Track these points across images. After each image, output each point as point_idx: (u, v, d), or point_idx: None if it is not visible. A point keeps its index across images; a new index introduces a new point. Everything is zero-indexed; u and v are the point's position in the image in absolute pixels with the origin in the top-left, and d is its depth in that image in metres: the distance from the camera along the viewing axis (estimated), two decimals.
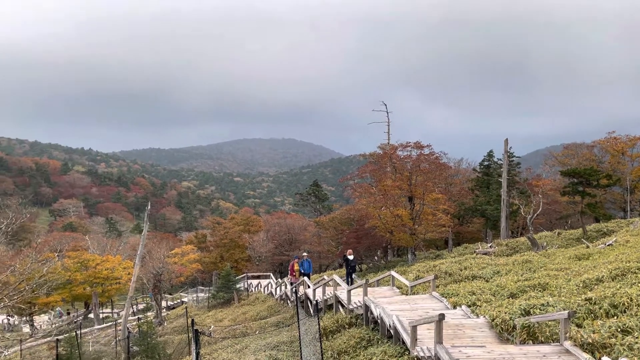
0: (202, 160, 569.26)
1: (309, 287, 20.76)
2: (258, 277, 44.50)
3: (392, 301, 15.23)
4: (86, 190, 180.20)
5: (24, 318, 46.53)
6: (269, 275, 40.77)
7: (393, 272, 18.80)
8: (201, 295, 41.87)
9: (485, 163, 50.49)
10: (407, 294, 16.74)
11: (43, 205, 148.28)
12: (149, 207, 24.75)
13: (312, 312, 19.23)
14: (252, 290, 36.45)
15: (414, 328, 10.31)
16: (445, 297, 14.78)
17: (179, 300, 47.41)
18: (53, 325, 41.62)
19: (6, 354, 30.76)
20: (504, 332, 10.49)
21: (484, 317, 11.79)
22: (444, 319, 9.38)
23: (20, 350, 26.40)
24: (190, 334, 18.51)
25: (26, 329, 44.73)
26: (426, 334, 10.74)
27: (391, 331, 12.16)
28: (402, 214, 28.42)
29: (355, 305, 15.72)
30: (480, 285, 15.70)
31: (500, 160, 44.22)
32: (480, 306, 13.07)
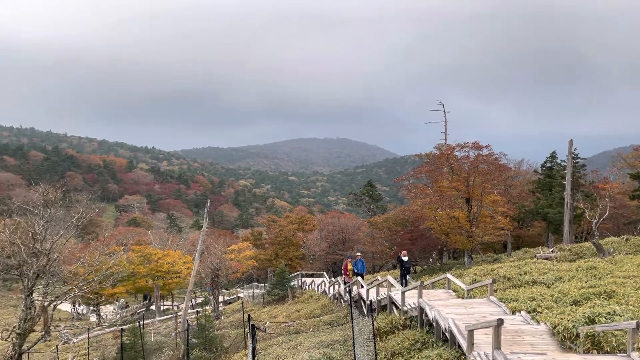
0: (258, 159, 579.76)
1: (362, 287, 20.77)
2: (312, 276, 44.88)
3: (447, 304, 15.01)
4: (149, 187, 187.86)
5: (91, 308, 49.15)
6: (323, 274, 41.01)
7: (449, 275, 18.49)
8: (256, 291, 42.70)
9: (548, 164, 48.47)
10: (463, 298, 16.43)
11: (109, 200, 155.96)
12: (208, 205, 25.55)
13: (365, 312, 19.24)
14: (305, 288, 36.81)
15: (471, 332, 10.13)
16: (504, 302, 14.40)
17: (235, 296, 48.59)
18: (117, 316, 43.72)
19: (75, 341, 32.67)
20: (566, 341, 10.11)
21: (545, 324, 11.41)
22: (503, 324, 9.16)
23: (88, 338, 27.93)
24: (247, 329, 18.99)
25: (93, 318, 47.22)
26: (483, 339, 10.52)
27: (446, 334, 11.99)
28: (458, 216, 27.85)
29: (409, 307, 15.59)
30: (541, 291, 15.18)
31: (564, 161, 42.34)
32: (540, 312, 12.65)
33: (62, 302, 22.42)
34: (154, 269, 43.47)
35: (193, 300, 46.92)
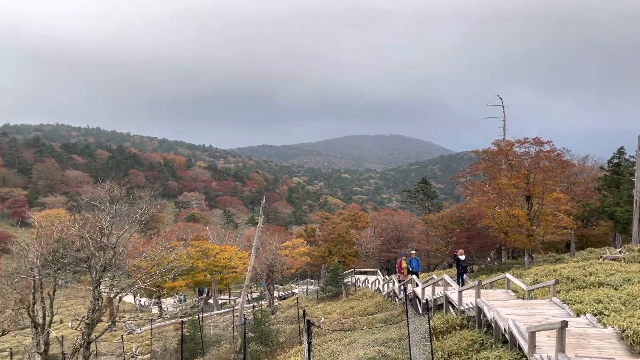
0: (311, 156, 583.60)
1: (417, 285, 20.52)
2: (365, 273, 44.77)
3: (506, 305, 14.57)
4: (207, 184, 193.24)
5: (153, 300, 51.21)
6: (376, 271, 40.81)
7: (508, 275, 17.94)
8: (310, 287, 43.08)
9: (615, 161, 45.86)
10: (523, 299, 15.91)
11: (169, 197, 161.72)
12: (263, 202, 26.00)
13: (420, 310, 19.01)
14: (359, 286, 36.78)
15: (533, 334, 9.79)
16: (567, 304, 13.83)
17: (289, 291, 49.21)
18: (177, 309, 45.37)
19: (138, 331, 34.18)
20: (636, 345, 9.58)
21: (613, 327, 10.87)
22: (567, 326, 8.81)
23: (151, 329, 29.13)
24: (302, 325, 19.21)
25: (154, 310, 49.19)
26: (545, 341, 10.15)
27: (506, 336, 11.66)
28: (518, 214, 26.93)
29: (466, 307, 15.27)
30: (607, 293, 14.44)
31: (633, 157, 39.98)
32: (607, 315, 12.05)
33: (126, 294, 23.50)
34: (211, 264, 44.70)
35: (249, 295, 47.90)
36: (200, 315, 26.84)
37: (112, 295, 22.66)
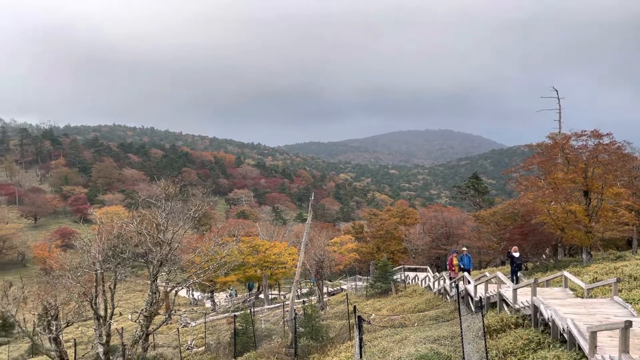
0: (358, 152, 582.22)
1: (469, 282, 20.15)
2: (415, 270, 44.33)
3: (564, 303, 14.10)
4: (255, 181, 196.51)
5: (206, 294, 52.67)
6: (426, 268, 40.33)
7: (566, 273, 17.33)
8: (359, 284, 43.07)
9: None
10: (582, 297, 15.33)
11: (220, 194, 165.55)
12: (312, 198, 26.18)
13: (473, 308, 18.66)
14: (409, 283, 36.47)
15: (594, 334, 9.44)
16: (630, 303, 13.23)
17: (338, 287, 49.37)
18: (230, 303, 46.48)
19: (193, 324, 35.27)
20: None
21: None
22: (631, 326, 8.45)
23: (205, 322, 29.99)
24: (352, 320, 19.27)
25: (207, 304, 50.57)
26: (607, 341, 9.77)
27: (564, 335, 11.30)
28: (575, 210, 25.91)
29: (521, 305, 14.88)
30: None
31: None
32: None
33: (182, 289, 24.31)
34: (262, 259, 45.47)
35: (298, 290, 48.40)
36: (251, 310, 27.39)
37: (168, 289, 23.53)
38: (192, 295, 56.64)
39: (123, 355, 23.07)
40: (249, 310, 25.69)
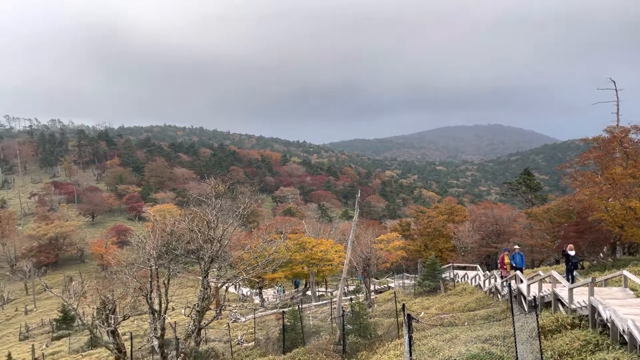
0: (404, 149, 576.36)
1: (522, 281, 19.61)
2: (464, 268, 43.48)
3: (624, 304, 13.51)
4: (301, 179, 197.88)
5: (254, 290, 53.57)
6: (476, 266, 39.48)
7: (625, 272, 16.56)
8: (407, 282, 42.69)
9: None
10: None
11: (267, 192, 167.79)
12: (358, 195, 26.17)
13: (526, 308, 18.15)
14: (458, 281, 35.83)
15: None
16: None
17: (385, 285, 49.12)
18: (278, 299, 47.12)
19: (243, 320, 35.97)
20: None
21: None
22: None
23: (254, 318, 30.52)
24: (401, 319, 19.14)
25: (256, 300, 51.44)
26: None
27: (624, 337, 10.84)
28: (635, 207, 24.70)
29: (578, 305, 14.36)
30: None
31: None
32: None
33: (232, 285, 24.83)
34: (308, 257, 45.83)
35: (345, 287, 48.48)
36: (299, 306, 27.67)
37: (219, 285, 24.11)
38: (241, 291, 57.72)
39: (177, 349, 23.84)
40: (297, 307, 25.97)
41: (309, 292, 45.80)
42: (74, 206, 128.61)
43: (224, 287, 24.82)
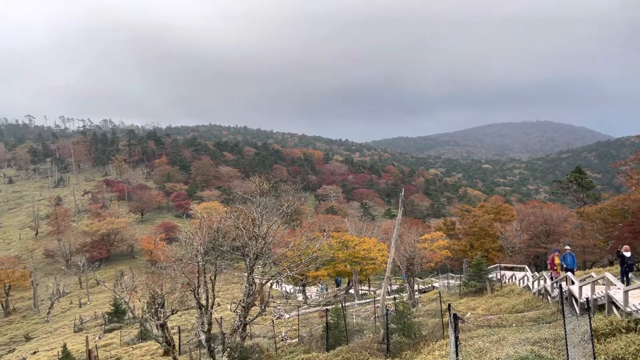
0: (448, 147, 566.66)
1: (573, 283, 18.96)
2: (511, 269, 42.39)
3: None
4: (343, 177, 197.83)
5: (298, 288, 54.04)
6: (524, 267, 38.40)
7: None
8: (452, 282, 42.04)
9: None
10: None
11: (309, 190, 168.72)
12: (402, 194, 25.95)
13: (577, 310, 17.53)
14: (505, 282, 34.98)
15: None
16: None
17: (429, 285, 48.53)
18: (321, 297, 47.30)
19: (286, 317, 36.35)
20: None
21: None
22: None
23: (298, 315, 30.82)
24: (446, 319, 18.87)
25: (299, 297, 51.87)
26: None
27: None
28: None
29: (634, 309, 13.77)
30: None
31: None
32: None
33: (276, 282, 25.15)
34: (351, 255, 45.81)
35: (389, 286, 48.16)
36: (343, 305, 27.73)
37: (263, 282, 24.46)
38: (284, 288, 58.32)
39: (223, 343, 24.38)
40: (340, 305, 26.03)
41: (351, 291, 45.79)
42: (124, 203, 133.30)
43: (268, 284, 25.17)
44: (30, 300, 72.17)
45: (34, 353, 41.31)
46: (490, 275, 34.18)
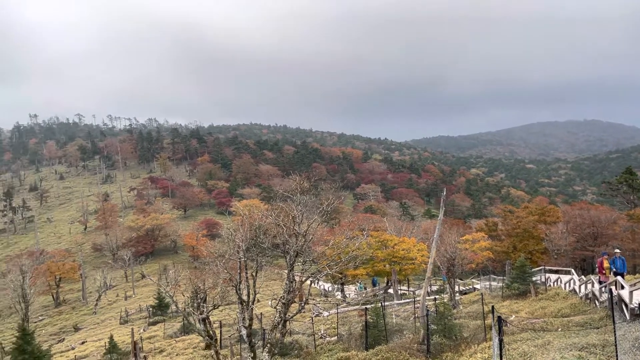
0: (490, 146, 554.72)
1: (623, 287, 18.27)
2: (557, 272, 41.16)
3: None
4: (382, 177, 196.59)
5: (336, 286, 54.15)
6: (570, 270, 37.21)
7: None
8: (494, 284, 41.21)
9: None
10: None
11: (348, 189, 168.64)
12: (444, 193, 25.62)
13: (627, 316, 16.91)
14: (549, 285, 34.01)
15: None
16: None
17: (470, 287, 47.73)
18: (360, 296, 47.27)
19: (325, 314, 36.51)
20: None
21: None
22: None
23: (337, 313, 30.90)
24: (488, 321, 18.57)
25: (337, 296, 51.96)
26: None
27: None
28: None
29: None
30: None
31: None
32: None
33: (316, 279, 25.33)
34: (390, 254, 45.56)
35: (429, 287, 47.65)
36: (382, 304, 27.64)
37: (303, 279, 24.67)
38: (323, 286, 58.53)
39: (263, 339, 24.75)
40: (379, 304, 25.96)
41: (390, 290, 45.56)
42: (168, 200, 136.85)
43: (308, 281, 25.38)
44: (79, 292, 75.13)
45: (83, 343, 43.02)
46: (534, 278, 33.33)
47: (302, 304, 24.86)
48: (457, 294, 38.88)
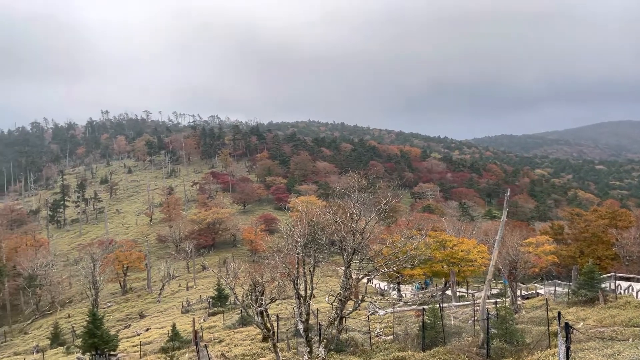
0: (557, 146, 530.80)
1: None
2: (628, 279, 38.95)
3: None
4: (441, 176, 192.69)
5: (392, 285, 53.71)
6: None
7: None
8: (558, 289, 39.52)
9: None
10: None
11: (405, 188, 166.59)
12: (508, 194, 24.78)
13: None
14: (620, 293, 32.21)
15: None
16: None
17: (533, 291, 45.98)
18: (417, 296, 46.71)
19: (381, 313, 36.34)
20: None
21: None
22: None
23: (393, 312, 30.70)
24: (553, 327, 17.84)
25: (394, 295, 51.54)
26: None
27: None
28: None
29: None
30: None
31: None
32: None
33: (373, 277, 25.24)
34: (449, 255, 44.66)
35: (489, 290, 46.32)
36: (440, 305, 27.18)
37: (360, 277, 24.67)
38: (378, 285, 58.21)
39: (319, 334, 24.99)
40: (437, 305, 25.54)
41: (448, 292, 44.67)
42: (228, 195, 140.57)
43: (365, 280, 25.34)
44: (144, 281, 78.69)
45: (147, 330, 45.06)
46: (603, 285, 31.65)
47: (359, 302, 24.89)
48: (519, 299, 37.57)
